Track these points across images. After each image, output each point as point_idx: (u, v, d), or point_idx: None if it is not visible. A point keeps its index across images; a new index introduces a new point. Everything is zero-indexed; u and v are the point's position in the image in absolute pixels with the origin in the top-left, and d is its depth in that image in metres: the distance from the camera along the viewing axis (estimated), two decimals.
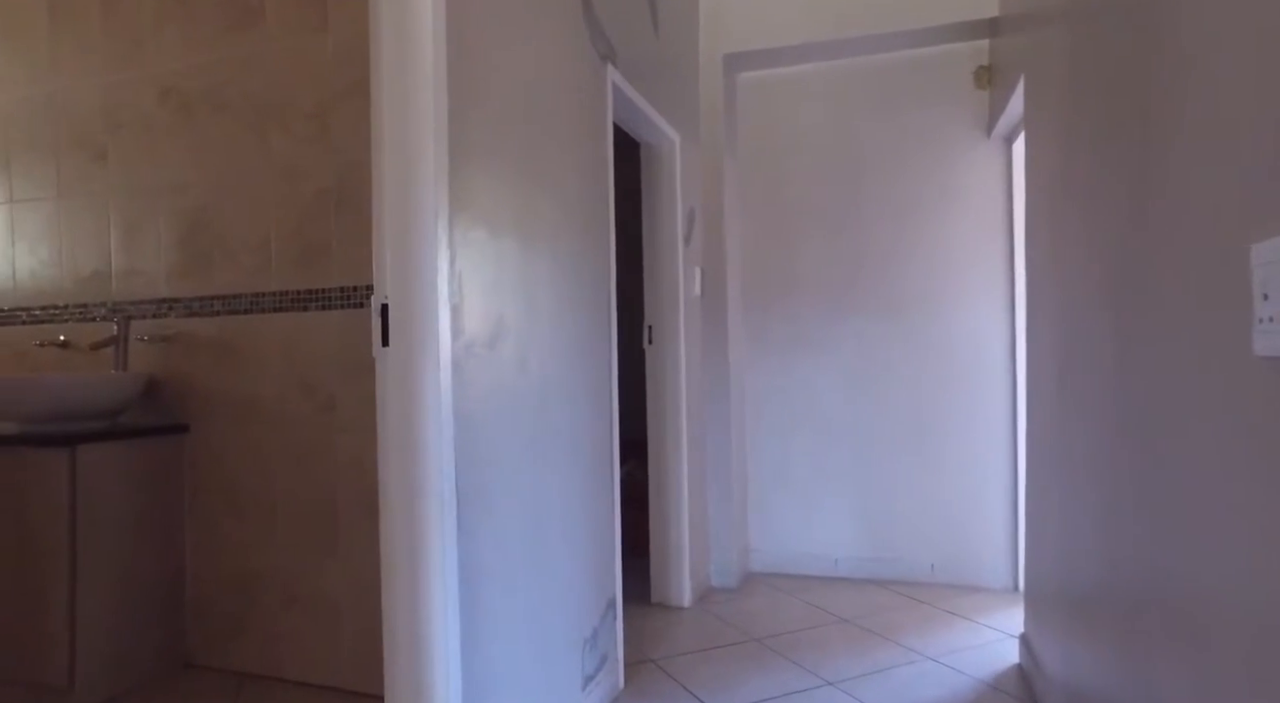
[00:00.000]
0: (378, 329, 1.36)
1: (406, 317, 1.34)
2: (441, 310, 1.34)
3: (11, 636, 2.05)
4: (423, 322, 1.33)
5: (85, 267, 2.45)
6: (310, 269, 2.15)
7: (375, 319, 1.37)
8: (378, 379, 1.38)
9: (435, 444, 1.33)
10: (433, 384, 1.33)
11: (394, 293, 1.35)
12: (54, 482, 1.99)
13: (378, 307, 1.37)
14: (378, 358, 1.38)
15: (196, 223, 2.29)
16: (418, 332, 1.33)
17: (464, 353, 1.42)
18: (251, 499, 2.21)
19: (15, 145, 2.54)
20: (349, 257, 2.11)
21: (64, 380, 2.07)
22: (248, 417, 2.22)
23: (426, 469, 1.33)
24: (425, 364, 1.33)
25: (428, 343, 1.33)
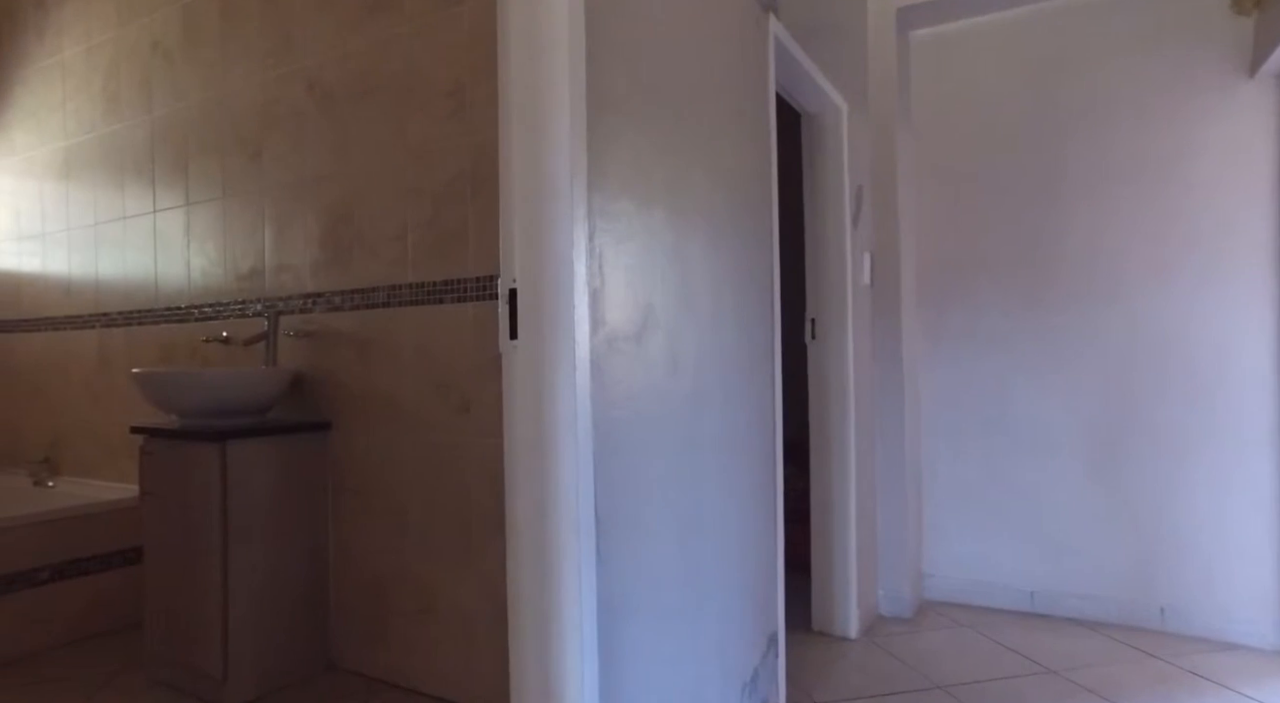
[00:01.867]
0: (505, 319, 1.16)
1: (538, 303, 1.12)
2: (579, 296, 1.12)
3: (178, 619, 2.08)
4: (557, 309, 1.11)
5: (244, 263, 2.49)
6: (446, 259, 2.02)
7: (502, 307, 1.16)
8: (505, 378, 1.17)
9: (570, 457, 1.11)
10: (568, 385, 1.10)
11: (524, 275, 1.14)
12: (207, 476, 1.99)
13: (505, 292, 1.16)
14: (505, 353, 1.17)
15: (338, 215, 2.24)
16: (551, 321, 1.11)
17: (605, 348, 1.19)
18: (388, 503, 2.12)
19: (192, 149, 2.63)
20: (486, 244, 1.96)
21: (214, 376, 2.07)
22: (385, 416, 2.13)
23: (560, 487, 1.11)
24: (559, 361, 1.11)
25: (562, 335, 1.11)
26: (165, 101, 2.72)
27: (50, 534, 2.42)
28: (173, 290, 2.71)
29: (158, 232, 2.75)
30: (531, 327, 1.13)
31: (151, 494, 2.12)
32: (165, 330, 2.72)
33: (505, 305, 1.16)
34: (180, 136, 2.67)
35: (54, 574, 2.43)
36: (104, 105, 2.95)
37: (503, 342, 1.17)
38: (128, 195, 2.86)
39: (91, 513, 2.51)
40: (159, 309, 2.74)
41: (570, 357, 1.10)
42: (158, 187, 2.75)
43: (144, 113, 2.79)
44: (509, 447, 1.16)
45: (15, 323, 3.34)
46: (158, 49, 2.75)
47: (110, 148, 2.93)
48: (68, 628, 2.45)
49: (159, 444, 2.10)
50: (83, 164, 3.04)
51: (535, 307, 1.12)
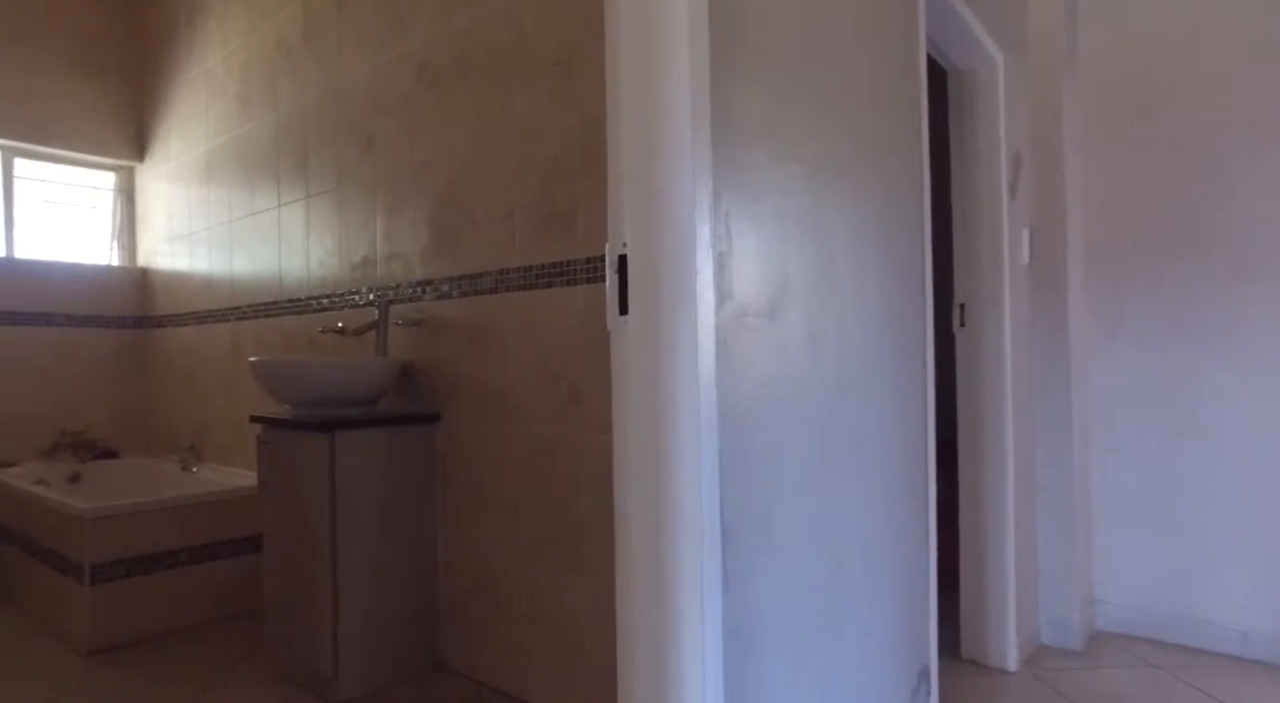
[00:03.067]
0: (613, 290, 0.98)
1: (653, 271, 0.94)
2: (701, 261, 0.93)
3: (291, 609, 2.07)
4: (676, 278, 0.93)
5: (357, 253, 2.47)
6: (554, 240, 1.89)
7: (610, 277, 0.99)
8: (613, 360, 1.00)
9: (692, 455, 0.92)
10: (688, 368, 0.92)
11: (636, 238, 0.96)
12: (316, 466, 1.95)
13: (612, 259, 0.99)
14: (614, 331, 1.00)
15: (446, 199, 2.16)
16: (669, 292, 0.93)
17: (733, 324, 0.99)
18: (498, 500, 2.02)
19: (311, 143, 2.66)
20: (596, 223, 1.80)
21: (323, 365, 2.04)
22: (493, 408, 2.03)
23: (679, 490, 0.92)
24: (678, 339, 0.92)
25: (682, 309, 0.92)
26: (289, 98, 2.76)
27: (188, 518, 2.50)
28: (294, 282, 2.75)
29: (281, 226, 2.80)
30: (645, 299, 0.95)
31: (267, 484, 2.12)
32: (287, 322, 2.77)
33: (614, 274, 0.99)
34: (301, 131, 2.70)
35: (191, 557, 2.51)
36: (237, 107, 3.06)
37: (611, 318, 1.00)
38: (256, 192, 2.94)
39: (225, 499, 2.58)
40: (282, 302, 2.79)
41: (691, 334, 0.91)
42: (282, 182, 2.80)
43: (270, 111, 2.85)
44: (619, 441, 0.99)
45: (169, 318, 3.55)
46: (282, 47, 2.80)
47: (242, 148, 3.02)
48: (202, 610, 2.53)
49: (273, 434, 2.09)
50: (220, 165, 3.17)
51: (649, 275, 0.94)
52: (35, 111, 3.48)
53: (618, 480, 0.99)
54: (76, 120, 3.60)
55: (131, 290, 3.73)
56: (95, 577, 2.30)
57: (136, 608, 2.38)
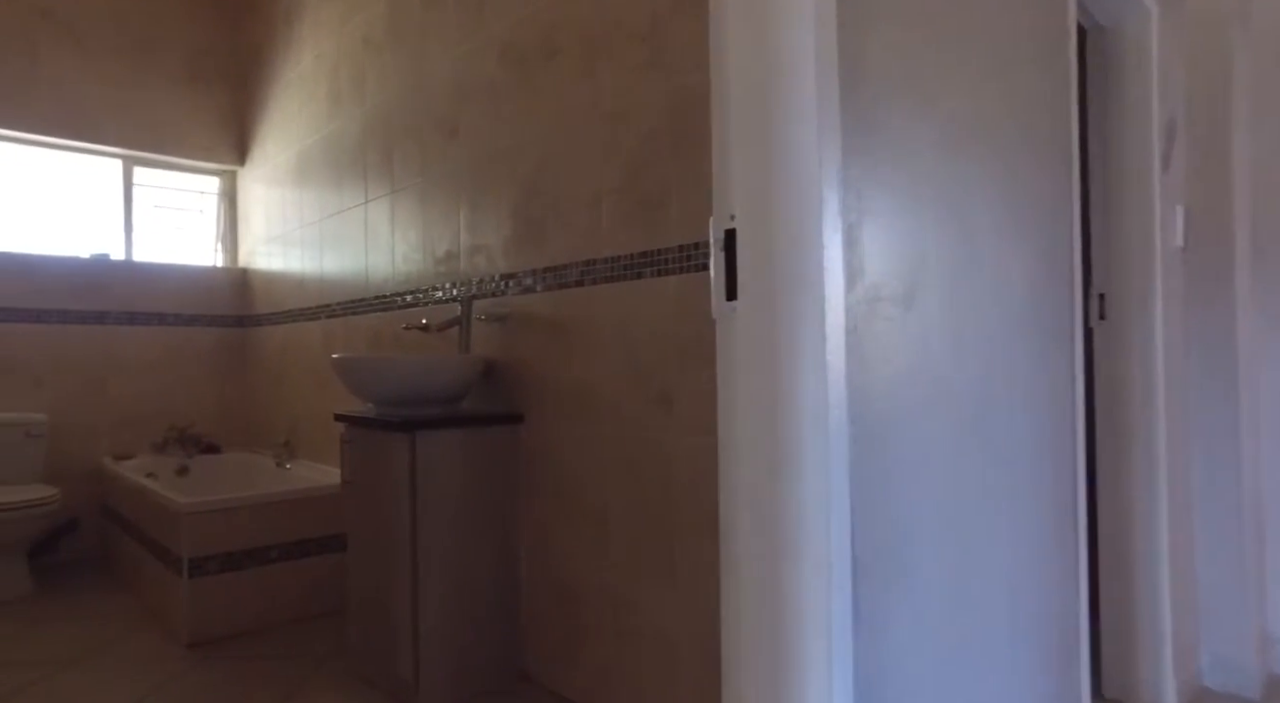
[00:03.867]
0: (719, 271, 0.83)
1: (768, 246, 0.78)
2: (829, 234, 0.76)
3: (373, 611, 2.02)
4: (798, 253, 0.76)
5: (440, 247, 2.41)
6: (644, 227, 1.75)
7: (715, 255, 0.84)
8: (720, 354, 0.84)
9: (819, 468, 0.75)
10: (813, 362, 0.75)
11: (748, 208, 0.80)
12: (397, 467, 1.89)
13: (719, 235, 0.83)
14: (720, 320, 0.84)
15: (530, 188, 2.06)
16: (790, 271, 0.77)
17: (865, 310, 0.82)
18: (585, 506, 1.90)
19: (396, 136, 2.63)
20: (689, 207, 1.65)
21: (404, 362, 1.97)
22: (580, 408, 1.91)
23: (803, 511, 0.76)
24: (801, 327, 0.76)
25: (806, 290, 0.76)
26: (375, 93, 2.75)
27: (278, 515, 2.50)
28: (380, 279, 2.72)
29: (368, 223, 2.79)
30: (759, 280, 0.79)
31: (350, 483, 2.07)
32: (374, 319, 2.75)
33: (719, 253, 0.83)
34: (386, 125, 2.67)
35: (281, 554, 2.51)
36: (327, 106, 3.08)
37: (716, 304, 0.84)
38: (344, 190, 2.94)
39: (314, 497, 2.58)
40: (369, 298, 2.78)
41: (817, 322, 0.75)
42: (368, 178, 2.78)
43: (358, 107, 2.85)
44: (725, 450, 0.83)
45: (266, 316, 3.63)
46: (369, 43, 2.78)
47: (331, 146, 3.04)
48: (292, 606, 2.53)
49: (356, 432, 2.04)
50: (311, 164, 3.20)
51: (765, 250, 0.78)
52: (151, 122, 3.64)
53: (724, 497, 0.83)
54: (186, 128, 3.74)
55: (233, 290, 3.85)
56: (193, 571, 2.33)
57: (230, 603, 2.39)
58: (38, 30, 3.36)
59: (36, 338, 3.30)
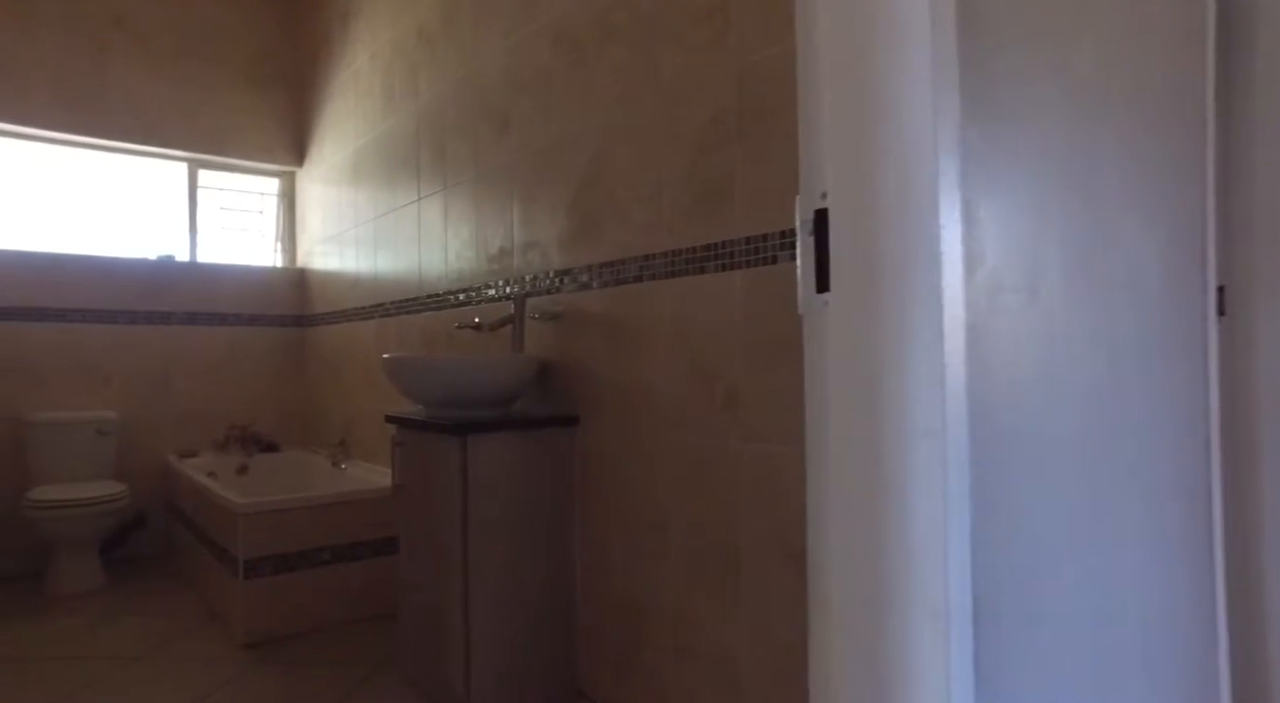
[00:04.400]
0: (808, 258, 0.70)
1: (868, 226, 0.65)
2: (945, 209, 0.62)
3: (424, 617, 1.95)
4: (906, 233, 0.63)
5: (494, 243, 2.33)
6: (708, 218, 1.63)
7: (803, 240, 0.71)
8: (808, 355, 0.72)
9: (933, 493, 0.62)
10: (928, 365, 0.62)
11: (842, 182, 0.67)
12: (447, 471, 1.81)
13: (806, 216, 0.70)
14: (807, 316, 0.72)
15: (586, 180, 1.96)
16: (896, 254, 0.63)
17: (985, 302, 0.68)
18: (641, 515, 1.79)
19: (449, 131, 2.56)
20: (755, 196, 1.52)
21: (455, 362, 1.89)
22: (638, 411, 1.80)
23: (912, 545, 0.63)
24: (912, 322, 0.63)
25: (918, 277, 0.62)
26: (428, 89, 2.69)
27: (331, 517, 2.47)
28: (433, 277, 2.67)
29: (421, 220, 2.74)
30: (858, 267, 0.66)
31: (401, 487, 2.01)
32: (427, 318, 2.70)
33: (807, 237, 0.70)
34: (438, 121, 2.62)
35: (334, 556, 2.48)
36: (382, 103, 3.04)
37: (804, 297, 0.71)
38: (397, 188, 2.90)
39: (366, 499, 2.54)
40: (422, 297, 2.73)
41: (933, 316, 0.62)
42: (421, 175, 2.73)
43: (411, 102, 2.80)
44: (815, 466, 0.70)
45: (323, 316, 3.64)
46: (422, 37, 2.73)
47: (385, 143, 3.01)
48: (344, 609, 2.50)
49: (407, 435, 1.98)
50: (366, 163, 3.18)
51: (864, 232, 0.65)
52: (214, 125, 3.69)
53: (813, 523, 0.70)
54: (247, 130, 3.79)
55: (291, 290, 3.87)
56: (248, 571, 2.31)
57: (284, 605, 2.37)
58: (110, 39, 3.43)
59: (107, 338, 3.38)
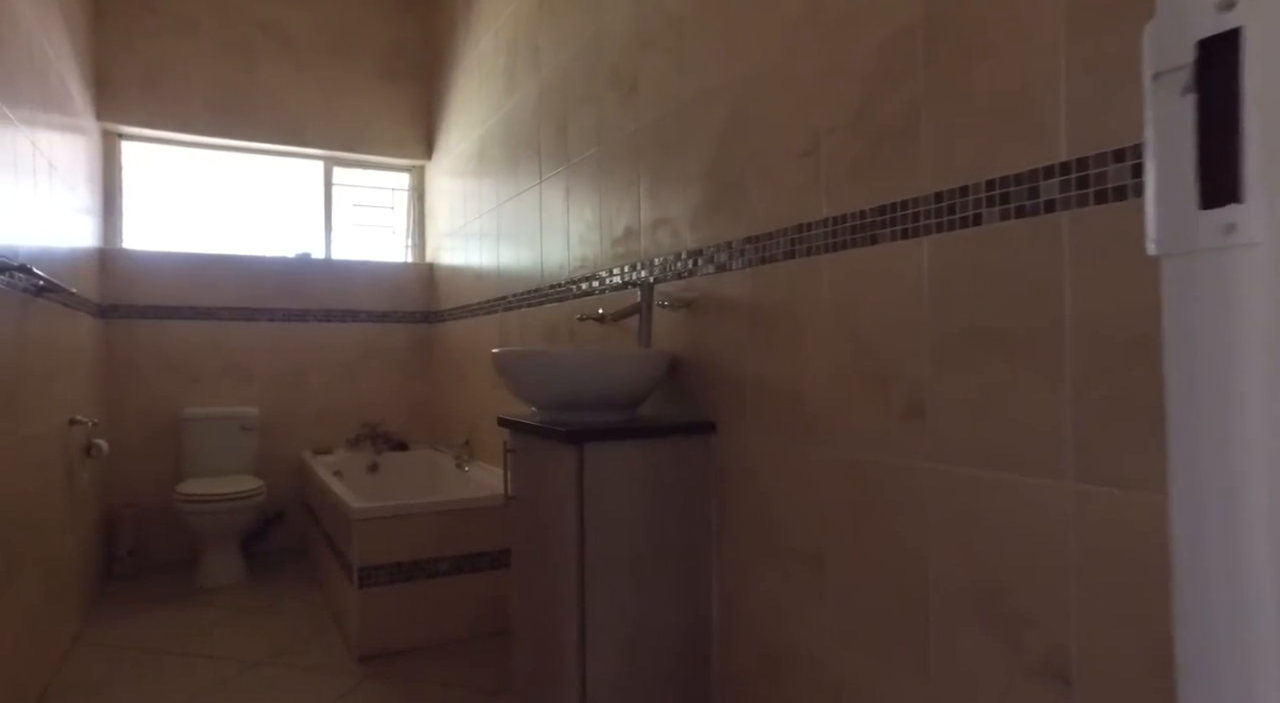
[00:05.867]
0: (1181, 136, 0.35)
1: None
2: None
3: (538, 643, 1.71)
4: None
5: (618, 224, 2.07)
6: (880, 173, 1.26)
7: (1168, 104, 0.35)
8: (1174, 330, 0.36)
9: None
10: None
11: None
12: (561, 484, 1.56)
13: (1176, 54, 0.35)
14: (1173, 261, 0.36)
15: (724, 140, 1.64)
16: None
17: None
18: (791, 546, 1.45)
19: (570, 103, 2.33)
20: (949, 137, 1.14)
21: (571, 358, 1.63)
22: (786, 417, 1.46)
23: None
24: None
25: None
26: (549, 59, 2.48)
27: (447, 525, 2.31)
28: (555, 266, 2.45)
29: (542, 204, 2.53)
30: None
31: (514, 499, 1.79)
32: (549, 311, 2.48)
33: (1180, 99, 0.35)
34: (560, 93, 2.39)
35: (451, 567, 2.32)
36: (503, 83, 2.88)
37: (1170, 224, 0.36)
38: (519, 171, 2.72)
39: (484, 507, 2.36)
40: (544, 288, 2.52)
41: None
42: (542, 155, 2.52)
43: (532, 78, 2.60)
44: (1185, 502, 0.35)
45: (449, 312, 3.56)
46: (543, 6, 2.52)
47: (506, 126, 2.83)
48: (460, 624, 2.33)
49: (519, 440, 1.75)
50: (490, 149, 3.03)
51: None
52: (349, 122, 3.70)
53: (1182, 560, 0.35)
54: (380, 126, 3.78)
55: (420, 286, 3.83)
56: (363, 580, 2.19)
57: (399, 617, 2.23)
58: (256, 43, 3.51)
59: (250, 335, 3.45)
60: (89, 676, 2.13)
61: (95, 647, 2.33)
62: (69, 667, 2.18)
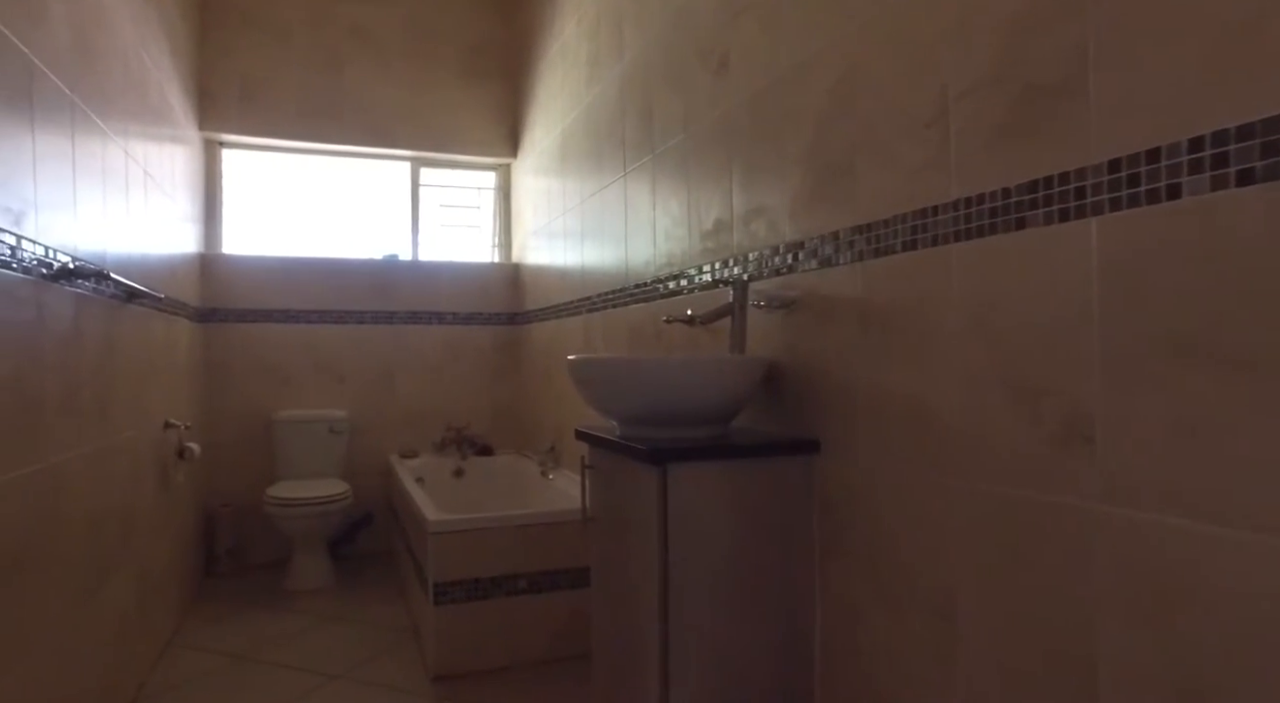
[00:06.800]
0: None
1: None
2: None
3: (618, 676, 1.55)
4: None
5: (708, 216, 1.88)
6: (1030, 140, 1.02)
7: None
8: None
9: None
10: None
11: None
12: (642, 509, 1.38)
13: None
14: None
15: (828, 114, 1.42)
16: None
17: None
18: (913, 591, 1.22)
19: (655, 87, 2.16)
20: (1130, 88, 0.89)
21: (654, 366, 1.44)
22: (909, 438, 1.23)
23: None
24: None
25: None
26: (633, 42, 2.31)
27: (527, 541, 2.19)
28: (640, 263, 2.28)
29: (627, 197, 2.37)
30: None
31: (592, 520, 1.63)
32: (634, 312, 2.32)
33: None
34: (644, 77, 2.22)
35: (530, 585, 2.19)
36: (587, 73, 2.74)
37: None
38: (603, 164, 2.56)
39: (565, 521, 2.22)
40: (629, 288, 2.35)
41: None
42: (626, 145, 2.36)
43: (616, 64, 2.44)
44: None
45: (535, 313, 3.46)
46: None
47: (589, 117, 2.69)
48: (539, 646, 2.20)
49: (597, 456, 1.59)
50: (572, 143, 2.90)
51: None
52: (435, 122, 3.67)
53: None
54: (466, 125, 3.73)
55: (506, 287, 3.76)
56: (439, 596, 2.09)
57: (475, 637, 2.12)
58: (345, 46, 3.53)
59: (338, 337, 3.47)
60: (177, 679, 2.13)
61: (188, 650, 2.35)
62: (161, 669, 2.20)
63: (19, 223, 1.35)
